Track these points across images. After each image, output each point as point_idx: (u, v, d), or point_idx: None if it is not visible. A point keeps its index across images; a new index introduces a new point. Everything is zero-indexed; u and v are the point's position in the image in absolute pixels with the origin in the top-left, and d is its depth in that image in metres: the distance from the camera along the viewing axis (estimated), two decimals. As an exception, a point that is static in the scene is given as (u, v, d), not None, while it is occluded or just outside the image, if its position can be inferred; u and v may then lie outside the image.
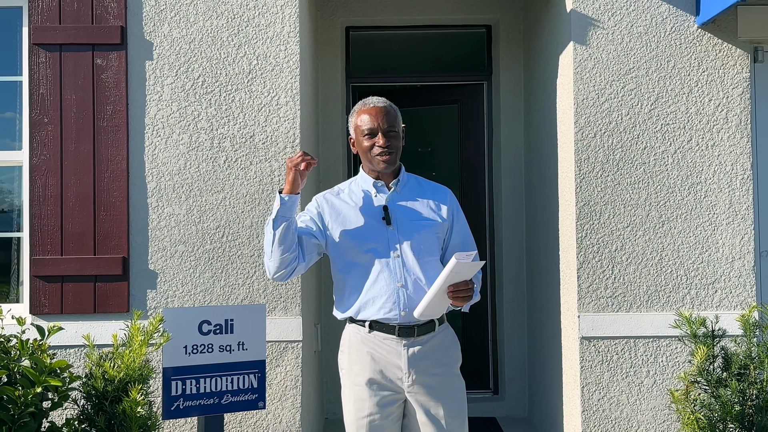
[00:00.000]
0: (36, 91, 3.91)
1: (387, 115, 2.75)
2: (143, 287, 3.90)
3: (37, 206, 3.89)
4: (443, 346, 2.77)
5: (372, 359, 2.72)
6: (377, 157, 2.74)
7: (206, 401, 3.23)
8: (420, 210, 2.79)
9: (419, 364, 2.70)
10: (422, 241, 2.73)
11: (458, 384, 2.79)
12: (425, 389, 2.71)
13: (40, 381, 2.92)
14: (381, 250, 2.71)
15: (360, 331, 2.76)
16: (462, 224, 2.87)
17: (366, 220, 2.75)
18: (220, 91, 3.95)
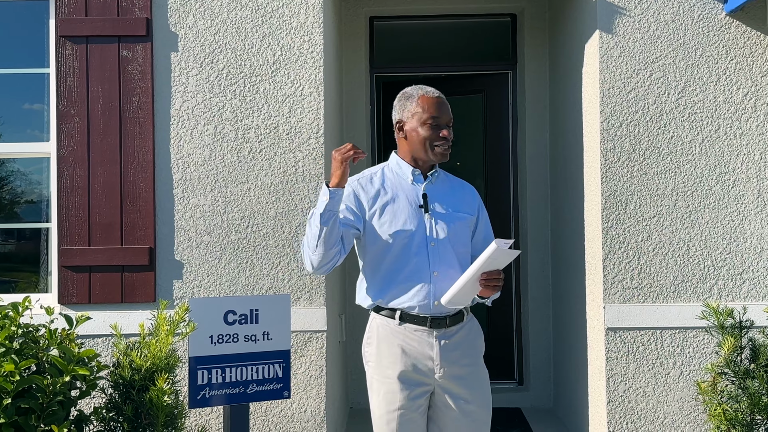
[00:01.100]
0: (63, 83, 3.95)
1: (449, 109, 2.77)
2: (169, 277, 3.94)
3: (64, 197, 3.93)
4: (470, 336, 2.77)
5: (403, 352, 2.69)
6: (438, 148, 2.71)
7: (232, 390, 3.25)
8: (453, 203, 2.79)
9: (450, 355, 2.70)
10: (457, 232, 2.74)
11: (483, 374, 2.82)
12: (455, 380, 2.70)
13: (68, 370, 2.96)
14: (417, 238, 2.69)
15: (389, 324, 2.73)
16: (486, 220, 2.91)
17: (404, 207, 2.72)
18: (245, 82, 3.96)
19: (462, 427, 2.72)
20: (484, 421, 2.76)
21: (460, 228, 2.75)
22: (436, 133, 2.70)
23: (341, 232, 2.65)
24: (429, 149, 2.72)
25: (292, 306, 3.86)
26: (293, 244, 3.92)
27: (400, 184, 2.77)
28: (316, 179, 3.92)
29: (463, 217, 2.78)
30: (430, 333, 2.69)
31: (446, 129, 2.72)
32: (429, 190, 2.77)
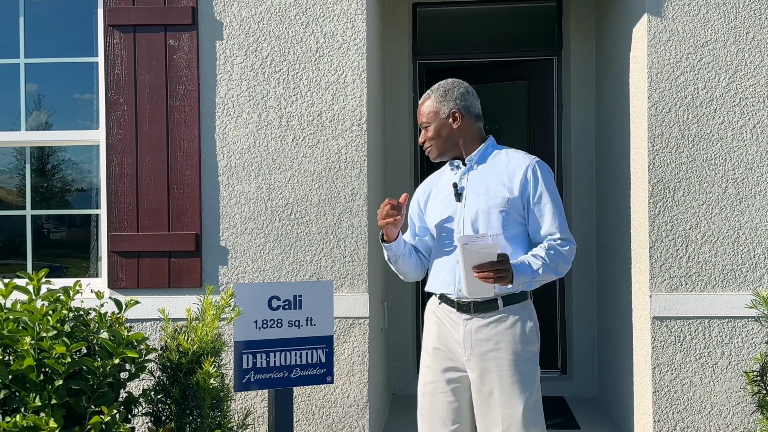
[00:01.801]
0: (111, 71, 4.03)
1: (421, 110, 2.87)
2: (215, 263, 4.00)
3: (113, 184, 4.02)
4: (506, 325, 2.69)
5: (438, 329, 2.81)
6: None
7: (276, 375, 3.30)
8: (490, 185, 2.73)
9: (477, 340, 2.69)
10: (484, 218, 2.70)
11: (523, 367, 2.68)
12: (482, 368, 2.69)
13: (117, 352, 3.03)
14: (450, 227, 2.78)
15: (433, 302, 2.87)
16: (539, 200, 2.70)
17: (442, 199, 2.84)
18: (288, 70, 3.99)
19: (483, 416, 2.71)
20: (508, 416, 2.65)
21: (488, 213, 2.70)
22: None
23: (413, 258, 2.93)
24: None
25: (335, 292, 3.90)
26: (336, 231, 3.95)
27: (448, 178, 2.88)
28: (358, 166, 3.94)
29: (492, 200, 2.70)
30: (460, 316, 2.74)
31: (423, 132, 2.85)
32: (469, 175, 2.79)
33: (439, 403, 2.78)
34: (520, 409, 2.63)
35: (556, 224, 2.68)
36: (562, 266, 2.70)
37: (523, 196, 2.70)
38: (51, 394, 2.91)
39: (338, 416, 3.96)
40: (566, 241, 2.70)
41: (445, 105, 2.79)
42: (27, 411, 2.95)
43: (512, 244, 2.70)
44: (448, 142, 2.80)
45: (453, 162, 2.84)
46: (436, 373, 2.79)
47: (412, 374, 5.46)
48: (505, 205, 2.69)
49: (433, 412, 2.79)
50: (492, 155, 2.81)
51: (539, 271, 2.62)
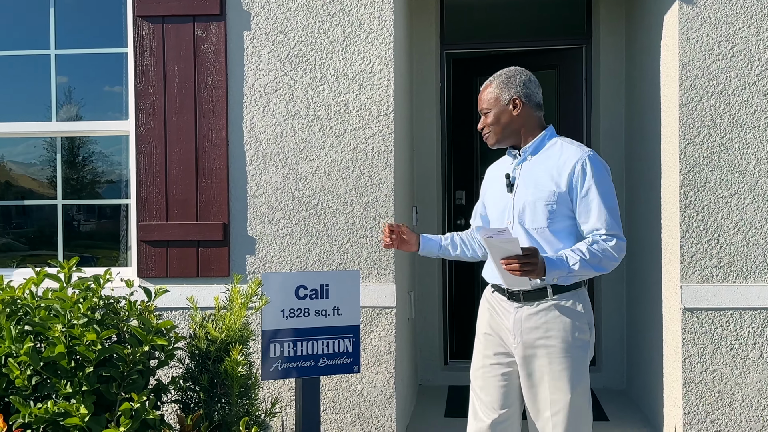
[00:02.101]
0: (141, 62, 4.06)
1: (482, 96, 2.89)
2: (242, 252, 4.02)
3: (143, 174, 4.06)
4: (556, 313, 2.70)
5: (490, 316, 2.89)
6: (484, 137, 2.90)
7: (303, 363, 3.32)
8: (539, 178, 2.74)
9: (527, 329, 2.73)
10: (531, 211, 2.72)
11: (572, 355, 2.70)
12: (531, 356, 2.73)
13: (147, 340, 3.06)
14: (501, 217, 2.84)
15: (488, 290, 2.95)
16: (586, 194, 2.67)
17: (498, 187, 2.90)
18: (315, 60, 3.99)
19: (532, 401, 2.76)
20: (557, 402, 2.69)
21: (535, 206, 2.71)
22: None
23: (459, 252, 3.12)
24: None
25: (362, 282, 3.90)
26: (363, 221, 3.95)
27: (504, 166, 2.93)
28: (385, 156, 3.93)
29: (539, 193, 2.71)
30: (510, 304, 2.78)
31: (482, 118, 2.88)
32: (522, 165, 2.82)
33: (488, 387, 2.84)
34: (569, 396, 2.67)
35: (603, 219, 2.65)
36: (606, 262, 2.64)
37: (571, 190, 2.68)
38: (82, 380, 2.95)
39: (365, 405, 3.97)
40: (612, 237, 2.64)
41: (506, 92, 2.80)
42: (58, 397, 2.99)
43: (559, 237, 2.69)
44: (508, 129, 2.81)
45: (511, 151, 2.89)
46: (486, 358, 2.86)
47: (438, 365, 5.46)
48: (551, 199, 2.68)
49: (483, 395, 2.86)
50: (547, 147, 2.81)
51: (575, 267, 2.59)
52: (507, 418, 2.83)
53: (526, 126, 2.81)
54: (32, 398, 3.03)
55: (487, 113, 2.82)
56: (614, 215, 2.66)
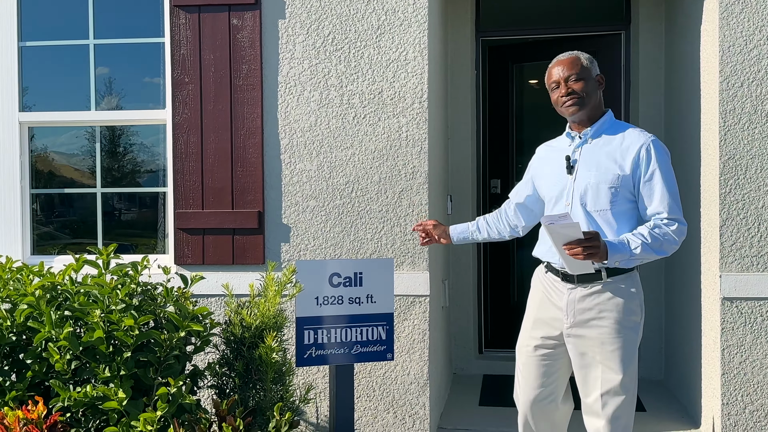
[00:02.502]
0: (177, 51, 4.10)
1: (569, 64, 2.86)
2: (277, 240, 4.05)
3: (180, 162, 4.11)
4: (609, 294, 2.77)
5: (543, 297, 2.94)
6: (562, 106, 2.86)
7: (337, 351, 3.34)
8: (602, 160, 2.79)
9: (579, 310, 2.79)
10: (593, 193, 2.76)
11: (624, 336, 2.76)
12: (583, 337, 2.80)
13: (183, 326, 3.11)
14: (559, 199, 2.88)
15: (540, 270, 3.01)
16: (649, 179, 2.73)
17: (555, 169, 2.92)
18: (350, 48, 3.99)
19: (583, 380, 2.84)
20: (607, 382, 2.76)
21: (597, 188, 2.76)
22: (558, 92, 2.86)
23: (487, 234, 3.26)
24: (561, 109, 2.89)
25: (396, 270, 3.91)
26: (396, 209, 3.95)
27: (561, 148, 2.96)
28: (419, 144, 3.93)
29: (602, 176, 2.76)
30: (564, 285, 2.84)
31: (563, 85, 2.84)
32: (583, 148, 2.86)
33: (531, 365, 2.94)
34: (620, 376, 2.75)
35: (665, 204, 2.71)
36: (667, 246, 2.70)
37: (634, 174, 2.74)
38: (120, 365, 3.00)
39: (399, 393, 3.98)
40: (673, 221, 2.70)
41: (594, 67, 2.89)
42: (97, 382, 3.06)
43: (620, 220, 2.75)
44: (591, 101, 2.85)
45: (570, 132, 2.93)
46: (532, 339, 2.94)
47: (473, 354, 5.45)
48: (615, 182, 2.74)
49: (525, 372, 2.96)
50: (607, 130, 2.87)
51: (637, 251, 2.65)
52: (546, 396, 2.93)
53: (598, 105, 2.88)
54: (71, 382, 3.09)
55: (579, 80, 2.83)
56: (676, 199, 2.73)
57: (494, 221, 3.26)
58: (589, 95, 2.84)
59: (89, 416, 3.05)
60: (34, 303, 3.12)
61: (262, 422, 3.22)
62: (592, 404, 2.80)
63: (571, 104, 2.83)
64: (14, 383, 3.11)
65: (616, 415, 2.76)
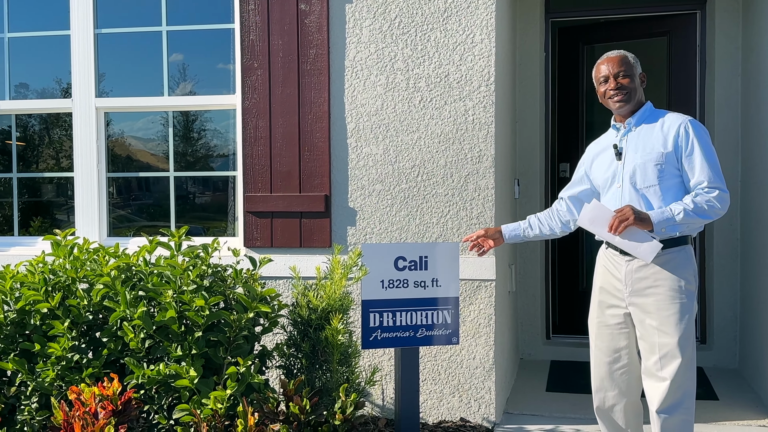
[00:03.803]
0: (246, 37, 4.15)
1: (618, 62, 3.08)
2: (343, 224, 4.08)
3: (249, 147, 4.17)
4: (667, 266, 2.94)
5: (604, 270, 3.15)
6: (610, 99, 3.08)
7: (402, 334, 3.35)
8: (647, 142, 3.01)
9: (636, 279, 2.99)
10: (641, 172, 2.98)
11: (680, 302, 2.93)
12: (641, 304, 2.99)
13: (252, 307, 3.17)
14: (612, 182, 3.09)
15: (603, 247, 3.19)
16: (690, 152, 2.94)
17: (606, 159, 3.15)
18: (416, 31, 3.97)
19: (643, 345, 3.01)
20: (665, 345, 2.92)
21: (644, 167, 2.97)
22: (606, 87, 3.10)
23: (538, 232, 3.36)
24: (607, 102, 3.11)
25: (461, 255, 3.88)
26: (462, 193, 3.92)
27: (609, 140, 3.18)
28: (486, 128, 3.88)
29: (648, 155, 2.97)
30: (622, 258, 3.04)
31: (612, 80, 3.06)
32: (628, 136, 3.08)
33: (603, 335, 3.14)
34: (675, 339, 2.91)
35: (705, 173, 2.91)
36: (711, 211, 2.89)
37: (676, 150, 2.96)
38: (191, 344, 3.08)
39: (464, 377, 3.97)
40: (714, 188, 2.89)
41: (638, 66, 3.12)
42: (169, 360, 3.14)
43: (668, 193, 2.96)
44: (636, 95, 3.08)
45: (615, 125, 3.15)
46: (601, 310, 3.14)
47: (540, 339, 5.39)
48: (660, 159, 2.96)
49: (599, 343, 3.16)
50: (648, 118, 3.08)
51: (679, 216, 2.86)
52: (620, 359, 3.11)
53: (639, 99, 3.10)
54: (145, 360, 3.19)
55: (627, 76, 3.06)
56: (715, 170, 2.93)
57: (546, 218, 3.38)
58: (634, 90, 3.06)
59: (162, 393, 3.14)
60: (109, 283, 3.23)
61: (328, 402, 3.26)
62: (651, 367, 2.97)
63: (619, 98, 3.06)
64: (90, 360, 3.23)
65: (675, 378, 2.91)
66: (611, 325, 3.11)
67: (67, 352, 3.17)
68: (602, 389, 3.17)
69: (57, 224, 4.77)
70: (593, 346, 3.20)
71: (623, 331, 3.09)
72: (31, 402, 3.26)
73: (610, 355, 3.13)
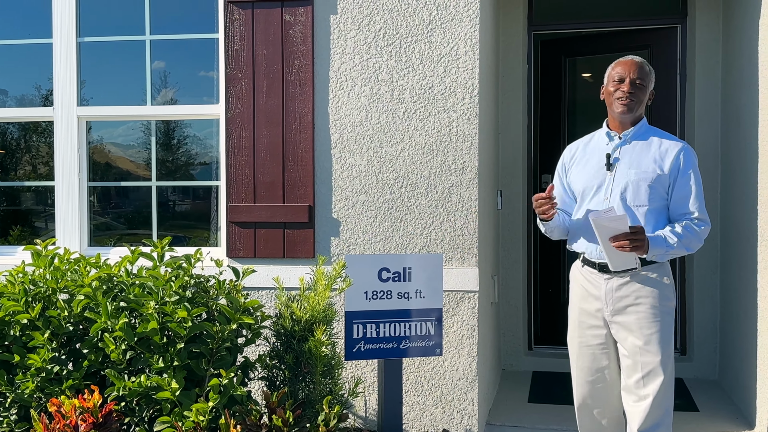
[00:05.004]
0: (231, 47, 4.14)
1: (639, 68, 3.02)
2: (327, 235, 4.07)
3: (232, 156, 4.15)
4: (647, 283, 2.96)
5: (582, 290, 3.11)
6: (617, 100, 3.01)
7: (385, 345, 3.35)
8: (642, 160, 2.98)
9: (617, 298, 2.98)
10: (633, 190, 2.96)
11: (661, 318, 2.94)
12: (622, 323, 2.98)
13: (235, 318, 3.15)
14: (596, 192, 3.04)
15: (577, 264, 3.17)
16: (685, 181, 2.96)
17: (592, 165, 3.08)
18: (401, 43, 3.98)
19: (624, 364, 3.01)
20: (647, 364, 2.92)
21: (638, 186, 2.95)
22: (618, 87, 3.02)
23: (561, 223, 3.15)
24: (612, 102, 3.04)
25: (445, 266, 3.89)
26: (446, 204, 3.93)
27: (597, 146, 3.12)
28: (469, 140, 3.90)
29: (643, 174, 2.95)
30: (601, 276, 3.03)
31: (627, 83, 2.99)
32: (622, 148, 3.04)
33: (584, 355, 3.12)
34: (658, 358, 2.92)
35: (696, 205, 2.96)
36: (695, 244, 2.95)
37: (671, 175, 2.96)
38: (173, 356, 3.06)
39: (447, 388, 3.97)
40: (702, 222, 2.95)
41: (653, 83, 3.08)
42: (151, 372, 3.11)
43: (653, 216, 2.96)
44: (641, 108, 3.05)
45: (610, 132, 3.09)
46: (582, 330, 3.12)
47: (522, 350, 5.40)
48: (653, 181, 2.95)
49: (580, 363, 3.15)
50: (645, 134, 3.06)
51: (674, 246, 2.89)
52: (602, 379, 3.10)
53: (640, 114, 3.08)
54: (126, 372, 3.16)
55: (641, 87, 3.01)
56: (703, 202, 2.99)
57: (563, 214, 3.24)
58: (642, 103, 3.04)
59: (143, 405, 3.11)
60: (90, 294, 3.19)
61: (312, 415, 3.25)
62: (633, 385, 2.97)
63: (627, 103, 2.99)
64: (71, 372, 3.19)
65: (657, 395, 2.92)
66: (592, 346, 3.11)
67: (47, 363, 3.13)
68: (585, 407, 3.19)
69: (36, 233, 4.72)
70: (574, 365, 3.20)
71: (604, 351, 3.09)
72: (11, 414, 3.22)
73: (592, 375, 3.13)
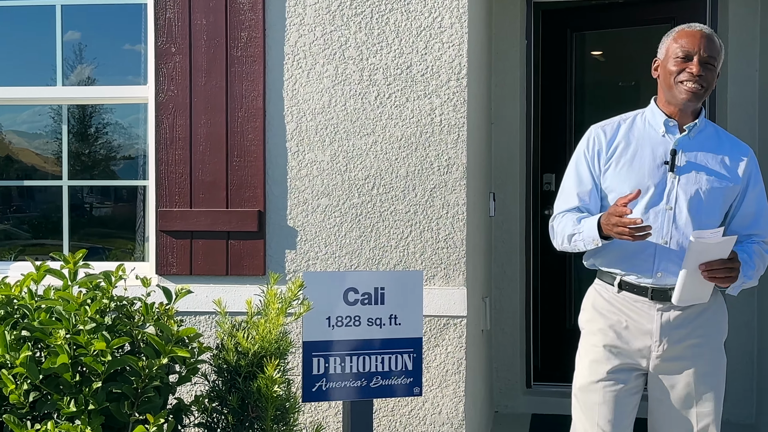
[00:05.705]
0: (162, 15, 4.11)
1: (710, 43, 2.86)
2: (281, 247, 4.05)
3: (163, 150, 4.11)
4: (707, 313, 2.90)
5: (616, 320, 2.94)
6: (682, 84, 2.84)
7: (352, 383, 3.33)
8: (711, 164, 2.89)
9: (674, 332, 2.87)
10: (705, 200, 2.85)
11: (720, 361, 2.95)
12: (677, 362, 2.89)
13: (166, 351, 3.10)
14: (654, 198, 2.87)
15: (607, 290, 2.98)
16: (758, 192, 2.94)
17: (644, 161, 2.91)
18: (372, 12, 3.98)
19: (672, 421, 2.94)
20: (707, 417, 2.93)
21: (710, 195, 2.85)
22: (683, 66, 2.83)
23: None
24: (675, 86, 2.86)
25: (425, 285, 3.88)
26: (427, 210, 3.93)
27: (648, 135, 2.95)
28: (456, 131, 3.90)
29: (717, 182, 2.86)
30: (652, 305, 2.88)
31: (697, 63, 2.82)
32: (684, 144, 2.90)
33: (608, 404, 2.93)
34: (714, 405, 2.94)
35: (765, 225, 2.95)
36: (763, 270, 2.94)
37: (745, 185, 2.92)
38: (88, 398, 3.00)
39: (427, 436, 3.97)
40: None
41: (720, 57, 2.94)
42: (60, 417, 3.06)
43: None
44: (706, 95, 2.92)
45: (668, 121, 2.92)
46: (602, 372, 2.93)
47: (519, 388, 5.42)
48: (726, 191, 2.88)
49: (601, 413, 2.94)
50: (706, 128, 2.99)
51: (753, 275, 2.86)
52: None
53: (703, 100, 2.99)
54: (29, 417, 3.10)
55: (714, 68, 2.88)
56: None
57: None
58: (710, 89, 2.91)
59: (50, 459, 3.05)
60: (-16, 320, 3.13)
61: (260, 470, 3.22)
62: None
63: (696, 88, 2.83)
64: (-40, 418, 3.12)
65: None
66: (628, 392, 2.94)
67: (-73, 408, 3.06)
68: None
69: None
70: (585, 418, 3.00)
71: (629, 400, 2.95)
72: None
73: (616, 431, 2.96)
